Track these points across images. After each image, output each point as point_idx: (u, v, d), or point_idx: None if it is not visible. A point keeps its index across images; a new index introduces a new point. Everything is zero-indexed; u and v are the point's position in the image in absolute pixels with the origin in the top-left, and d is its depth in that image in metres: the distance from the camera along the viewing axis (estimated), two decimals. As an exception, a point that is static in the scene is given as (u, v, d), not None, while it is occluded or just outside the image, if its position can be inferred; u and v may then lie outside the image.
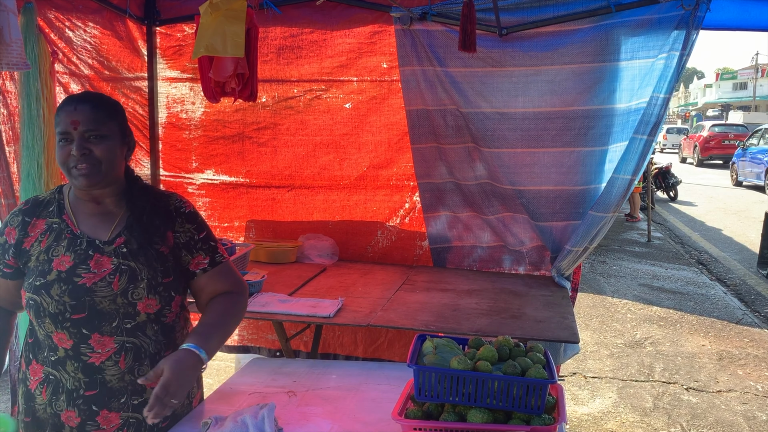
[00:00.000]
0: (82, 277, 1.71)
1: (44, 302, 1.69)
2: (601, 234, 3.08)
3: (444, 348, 1.86)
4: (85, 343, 1.71)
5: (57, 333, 1.71)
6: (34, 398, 1.74)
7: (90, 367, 1.72)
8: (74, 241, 1.75)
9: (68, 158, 1.69)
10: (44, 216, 1.78)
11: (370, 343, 3.67)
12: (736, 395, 4.43)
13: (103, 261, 1.74)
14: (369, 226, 3.62)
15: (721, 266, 8.57)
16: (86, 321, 1.71)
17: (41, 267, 1.71)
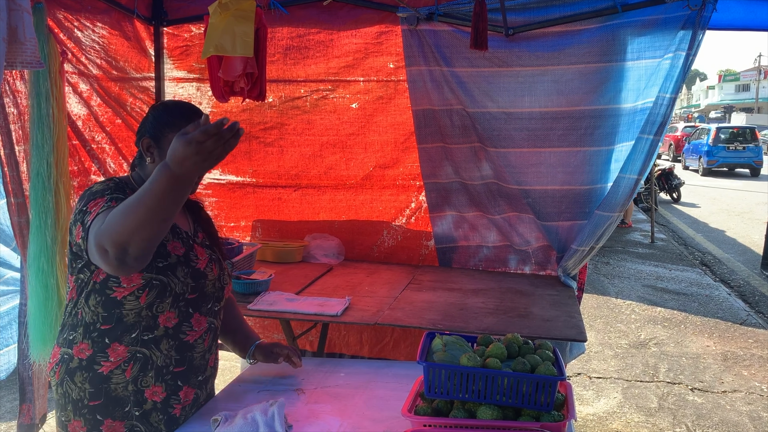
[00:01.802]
0: (196, 262, 1.86)
1: (171, 282, 1.78)
2: (607, 233, 3.09)
3: (453, 345, 1.87)
4: (187, 321, 1.85)
5: (168, 312, 1.80)
6: (108, 379, 1.75)
7: (184, 345, 1.85)
8: (174, 229, 1.84)
9: None
10: None
11: (375, 342, 3.68)
12: (741, 395, 4.43)
13: (200, 251, 1.89)
14: (375, 226, 3.63)
15: (725, 267, 8.56)
16: (195, 301, 1.86)
17: (157, 250, 1.75)
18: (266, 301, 2.76)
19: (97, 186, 1.76)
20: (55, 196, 2.63)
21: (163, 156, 1.72)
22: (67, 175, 2.70)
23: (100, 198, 1.67)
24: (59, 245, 2.60)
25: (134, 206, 1.40)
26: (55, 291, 2.59)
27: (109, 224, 1.44)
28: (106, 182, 1.78)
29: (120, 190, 1.73)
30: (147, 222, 1.40)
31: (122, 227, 1.41)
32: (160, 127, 1.80)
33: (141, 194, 1.39)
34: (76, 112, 3.12)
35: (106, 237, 1.44)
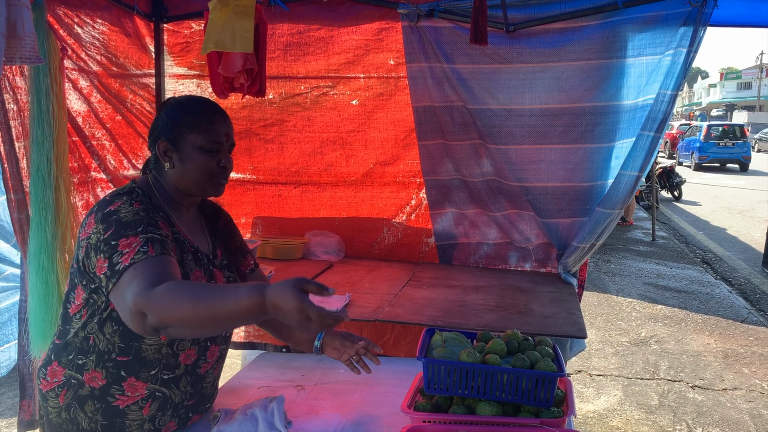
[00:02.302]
0: None
1: None
2: (607, 231, 3.09)
3: (453, 341, 1.87)
4: (203, 354, 1.76)
5: (188, 350, 1.70)
6: (124, 414, 1.64)
7: (198, 378, 1.77)
8: (196, 255, 1.73)
9: (215, 168, 1.69)
10: (163, 220, 1.64)
11: (376, 339, 3.66)
12: (742, 393, 4.43)
13: (218, 276, 1.78)
14: (375, 223, 3.63)
15: (726, 265, 8.56)
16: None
17: None
18: (266, 298, 2.76)
19: (125, 211, 1.55)
20: (55, 192, 2.62)
21: (184, 160, 1.67)
22: (67, 171, 2.70)
23: (133, 236, 1.50)
24: (59, 242, 2.60)
25: (200, 306, 1.32)
26: (56, 287, 2.58)
27: (161, 303, 1.34)
28: (130, 203, 1.58)
29: (152, 221, 1.56)
30: (206, 326, 1.35)
31: (176, 314, 1.33)
32: (177, 128, 1.68)
33: (212, 299, 1.31)
34: (76, 108, 3.12)
35: (154, 312, 1.34)
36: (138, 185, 1.70)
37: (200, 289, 1.38)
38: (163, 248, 1.51)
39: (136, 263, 1.45)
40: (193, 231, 1.79)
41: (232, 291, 1.32)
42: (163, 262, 1.48)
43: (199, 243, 1.78)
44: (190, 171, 1.68)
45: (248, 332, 3.83)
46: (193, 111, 1.69)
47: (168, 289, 1.37)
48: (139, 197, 1.63)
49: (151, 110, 3.58)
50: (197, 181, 1.69)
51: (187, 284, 1.43)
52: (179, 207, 1.75)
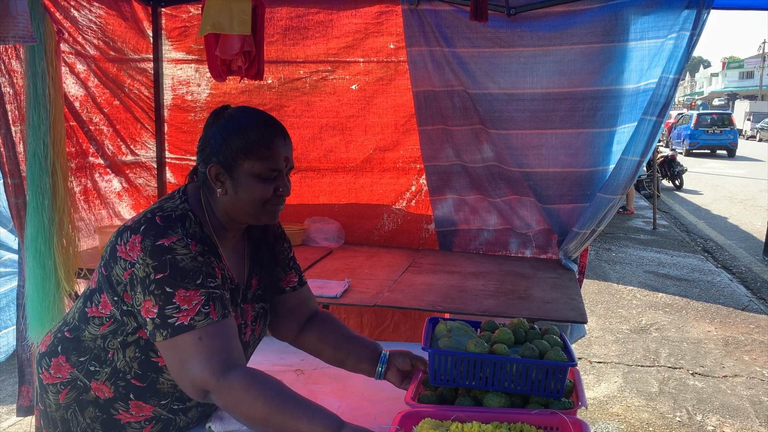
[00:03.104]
0: (245, 333, 1.65)
1: None
2: (608, 216, 3.07)
3: (458, 331, 1.84)
4: None
5: None
6: (123, 429, 1.58)
7: (209, 406, 1.70)
8: (235, 293, 1.60)
9: (272, 196, 1.53)
10: (215, 257, 1.53)
11: (375, 326, 3.67)
12: (742, 380, 4.42)
13: (248, 309, 1.67)
14: (375, 209, 3.61)
15: (727, 254, 8.54)
16: None
17: None
18: (265, 283, 2.75)
19: (182, 255, 1.41)
20: (52, 177, 2.60)
21: (237, 187, 1.51)
22: (64, 155, 2.67)
23: (194, 290, 1.40)
24: (56, 227, 2.58)
25: (273, 418, 1.36)
26: (53, 273, 2.57)
27: (235, 397, 1.36)
28: (187, 242, 1.43)
29: (210, 270, 1.45)
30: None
31: (247, 415, 1.37)
32: (232, 153, 1.50)
33: (287, 415, 1.35)
34: (73, 92, 3.09)
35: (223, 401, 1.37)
36: (191, 207, 1.53)
37: (277, 396, 1.38)
38: (224, 307, 1.44)
39: (198, 327, 1.38)
40: (234, 259, 1.64)
41: (308, 413, 1.37)
42: (227, 329, 1.43)
43: (236, 272, 1.64)
44: (243, 200, 1.52)
45: (248, 319, 3.82)
46: (249, 132, 1.50)
47: (245, 384, 1.36)
48: (192, 229, 1.48)
49: (149, 95, 3.56)
50: (250, 210, 1.53)
51: (263, 384, 1.39)
52: (226, 234, 1.61)
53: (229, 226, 1.59)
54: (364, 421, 1.81)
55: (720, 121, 24.04)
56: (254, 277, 1.70)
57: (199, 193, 1.57)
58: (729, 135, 23.76)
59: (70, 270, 2.60)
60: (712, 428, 3.74)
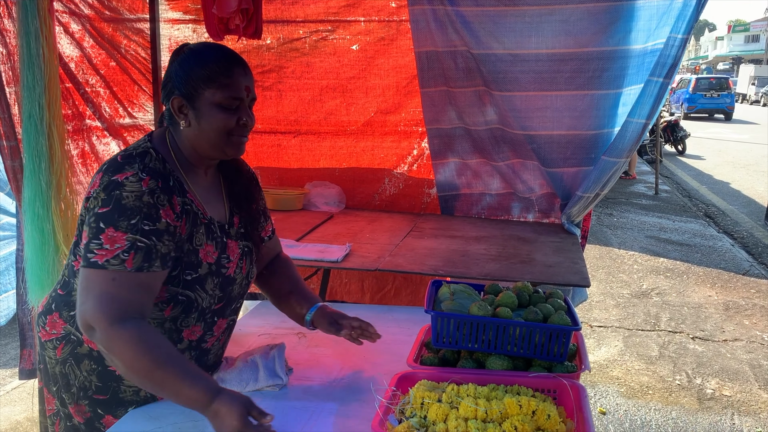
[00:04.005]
0: (227, 267, 1.64)
1: (198, 297, 1.58)
2: (612, 180, 3.03)
3: (461, 294, 1.82)
4: (210, 330, 1.67)
5: (193, 327, 1.61)
6: (119, 380, 1.59)
7: (203, 352, 1.70)
8: (209, 227, 1.60)
9: (235, 126, 1.54)
10: (175, 193, 1.51)
11: (377, 290, 3.66)
12: (742, 344, 4.44)
13: (233, 246, 1.66)
14: (376, 174, 3.57)
15: (729, 219, 8.52)
16: (220, 310, 1.67)
17: (188, 258, 1.54)
18: (266, 247, 2.73)
19: (129, 190, 1.42)
20: (48, 139, 2.56)
21: (200, 118, 1.53)
22: (60, 118, 2.62)
23: (122, 232, 1.41)
24: (54, 190, 2.55)
25: (154, 375, 1.38)
26: (51, 236, 2.55)
27: (122, 347, 1.38)
28: (140, 177, 1.44)
29: (152, 212, 1.44)
30: (146, 387, 1.46)
31: (129, 366, 1.39)
32: (192, 83, 1.51)
33: (169, 375, 1.37)
34: (68, 53, 3.02)
35: (108, 345, 1.39)
36: (154, 145, 1.55)
37: (165, 355, 1.40)
38: (146, 260, 1.43)
39: (109, 270, 1.40)
40: (209, 197, 1.65)
41: (190, 378, 1.38)
42: (140, 281, 1.43)
43: (214, 211, 1.64)
44: (207, 130, 1.53)
45: (249, 283, 3.81)
46: (209, 63, 1.51)
47: (137, 337, 1.38)
48: (152, 164, 1.49)
49: (146, 56, 3.49)
50: (215, 141, 1.54)
51: (155, 341, 1.41)
52: (196, 170, 1.61)
53: (198, 162, 1.60)
54: (365, 384, 1.81)
55: (718, 85, 24.72)
56: (236, 215, 1.71)
57: (165, 132, 1.59)
58: (726, 99, 24.48)
59: (68, 233, 2.57)
60: (711, 391, 3.77)
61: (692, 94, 24.75)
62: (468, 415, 1.42)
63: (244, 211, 1.74)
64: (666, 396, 3.71)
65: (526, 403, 1.41)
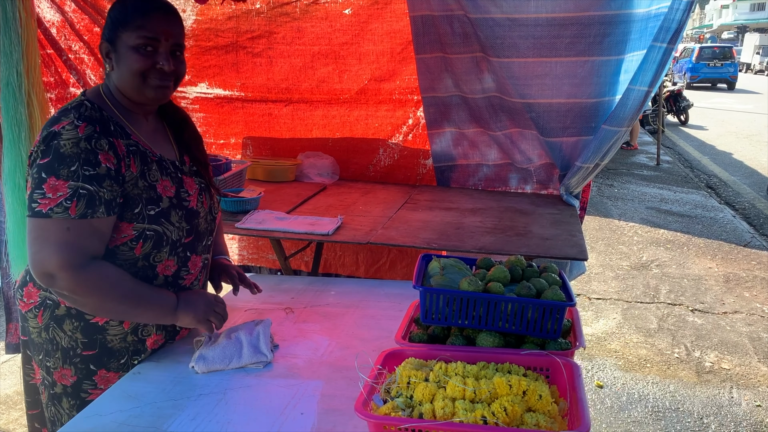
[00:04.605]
0: (188, 200, 1.69)
1: (167, 231, 1.63)
2: (613, 150, 2.94)
3: (452, 268, 1.75)
4: (185, 266, 1.72)
5: (166, 261, 1.67)
6: (104, 330, 1.64)
7: (182, 290, 1.73)
8: (161, 164, 1.65)
9: (150, 69, 1.57)
10: (116, 136, 1.56)
11: (371, 263, 3.60)
12: (742, 317, 4.39)
13: (189, 182, 1.72)
14: (370, 144, 3.47)
15: (731, 190, 8.43)
16: (191, 244, 1.72)
17: (146, 195, 1.59)
18: (255, 220, 2.65)
19: (66, 138, 1.46)
20: (27, 107, 2.47)
21: (119, 60, 1.57)
22: (39, 85, 2.53)
23: (63, 180, 1.45)
24: (35, 160, 2.46)
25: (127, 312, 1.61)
26: (33, 208, 2.47)
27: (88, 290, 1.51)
28: (75, 125, 1.48)
29: (91, 157, 1.47)
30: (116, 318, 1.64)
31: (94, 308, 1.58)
32: (113, 26, 1.56)
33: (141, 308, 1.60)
34: (48, 18, 2.91)
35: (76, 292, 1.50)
36: (88, 97, 1.60)
37: (128, 290, 1.56)
38: (88, 207, 1.48)
39: (54, 218, 1.45)
40: (155, 139, 1.70)
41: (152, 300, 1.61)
42: (90, 231, 1.49)
43: (162, 151, 1.70)
44: (125, 73, 1.57)
45: (242, 255, 3.76)
46: (128, 6, 1.56)
47: (100, 280, 1.51)
48: (88, 112, 1.53)
49: (131, 22, 3.36)
50: (133, 84, 1.57)
51: (117, 280, 1.54)
52: (135, 115, 1.65)
53: (133, 107, 1.64)
54: (352, 361, 1.75)
55: (721, 54, 24.53)
56: (186, 155, 1.77)
57: (99, 86, 1.64)
58: (729, 68, 24.30)
59: (50, 205, 2.50)
60: (710, 364, 3.73)
61: (695, 64, 24.59)
62: (456, 395, 1.35)
63: (194, 156, 1.80)
64: (664, 369, 3.67)
65: (516, 382, 1.35)
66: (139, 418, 1.51)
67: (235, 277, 2.01)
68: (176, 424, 1.48)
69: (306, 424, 1.47)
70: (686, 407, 3.29)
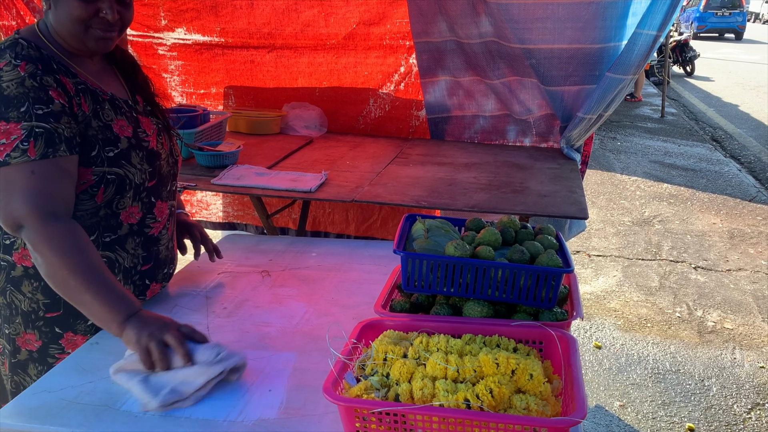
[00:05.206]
0: (147, 141, 1.58)
1: (129, 173, 1.52)
2: (617, 100, 2.74)
3: (437, 231, 1.59)
4: (150, 213, 1.62)
5: (131, 207, 1.56)
6: None
7: (150, 240, 1.64)
8: (114, 103, 1.54)
9: (93, 17, 1.43)
10: (62, 74, 1.44)
11: (362, 221, 3.44)
12: (746, 274, 4.26)
13: (146, 121, 1.61)
14: (360, 94, 3.27)
15: (736, 143, 8.22)
16: (155, 188, 1.61)
17: (102, 135, 1.47)
18: (233, 175, 2.48)
19: (8, 79, 1.35)
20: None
21: (60, 4, 1.42)
22: None
23: (14, 122, 1.33)
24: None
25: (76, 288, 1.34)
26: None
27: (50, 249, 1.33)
28: (14, 64, 1.37)
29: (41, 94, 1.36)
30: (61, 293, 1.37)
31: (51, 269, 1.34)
32: None
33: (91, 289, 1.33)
34: (6, -44, 2.68)
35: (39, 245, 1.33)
36: (23, 35, 1.45)
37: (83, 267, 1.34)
38: (50, 145, 1.35)
39: (13, 164, 1.33)
40: (104, 78, 1.57)
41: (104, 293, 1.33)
42: (57, 173, 1.37)
43: (113, 90, 1.57)
44: (63, 18, 1.43)
45: (227, 212, 3.60)
46: None
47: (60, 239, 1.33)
48: (25, 51, 1.40)
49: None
50: (72, 31, 1.44)
51: (78, 247, 1.35)
52: (79, 57, 1.51)
53: (76, 50, 1.49)
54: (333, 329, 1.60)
55: (730, 3, 23.82)
56: (138, 95, 1.64)
57: (34, 25, 1.50)
58: (738, 17, 23.69)
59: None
60: (712, 324, 3.61)
61: (703, 13, 23.94)
62: (437, 374, 1.21)
63: (147, 97, 1.67)
64: (665, 329, 3.55)
65: (504, 361, 1.20)
66: (91, 395, 1.37)
67: (198, 239, 1.87)
68: (131, 402, 1.34)
69: (273, 402, 1.33)
70: (687, 369, 3.18)
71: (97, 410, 1.32)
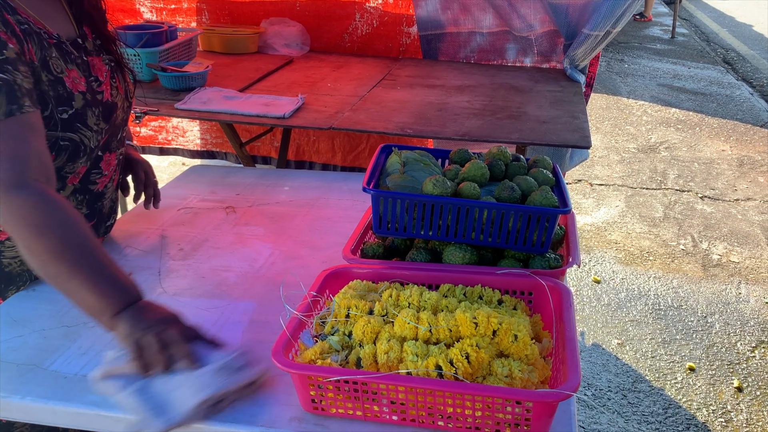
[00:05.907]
0: (101, 91, 1.36)
1: (84, 138, 1.32)
2: (627, 15, 2.47)
3: (415, 164, 1.38)
4: (96, 167, 1.41)
5: (78, 170, 1.37)
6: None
7: (94, 196, 1.45)
8: (61, 48, 1.28)
9: None
10: (4, 10, 1.18)
11: (349, 150, 3.22)
12: (755, 204, 4.06)
13: (97, 63, 1.37)
14: (345, 8, 2.97)
15: (749, 65, 7.83)
16: (106, 142, 1.41)
17: (54, 92, 1.24)
18: (199, 99, 2.24)
19: None
20: None
21: None
22: None
23: None
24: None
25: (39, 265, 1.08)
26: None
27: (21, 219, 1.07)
28: None
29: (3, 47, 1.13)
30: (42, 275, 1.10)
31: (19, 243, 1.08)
32: None
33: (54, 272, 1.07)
34: None
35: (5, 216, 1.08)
36: None
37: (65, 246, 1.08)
38: (11, 101, 1.11)
39: None
40: (46, 10, 1.29)
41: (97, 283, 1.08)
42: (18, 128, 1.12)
43: (58, 26, 1.31)
44: None
45: (205, 140, 3.37)
46: None
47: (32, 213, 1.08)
48: None
49: None
50: None
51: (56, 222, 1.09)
52: None
53: None
54: (301, 273, 1.42)
55: None
56: (85, 26, 1.38)
57: None
58: None
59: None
60: (717, 257, 3.44)
61: None
62: (406, 335, 1.03)
63: (96, 28, 1.41)
64: (668, 262, 3.38)
65: (484, 320, 1.02)
66: (18, 351, 1.21)
67: (141, 181, 1.65)
68: (61, 360, 1.19)
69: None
70: (690, 304, 3.04)
71: (23, 370, 1.16)
